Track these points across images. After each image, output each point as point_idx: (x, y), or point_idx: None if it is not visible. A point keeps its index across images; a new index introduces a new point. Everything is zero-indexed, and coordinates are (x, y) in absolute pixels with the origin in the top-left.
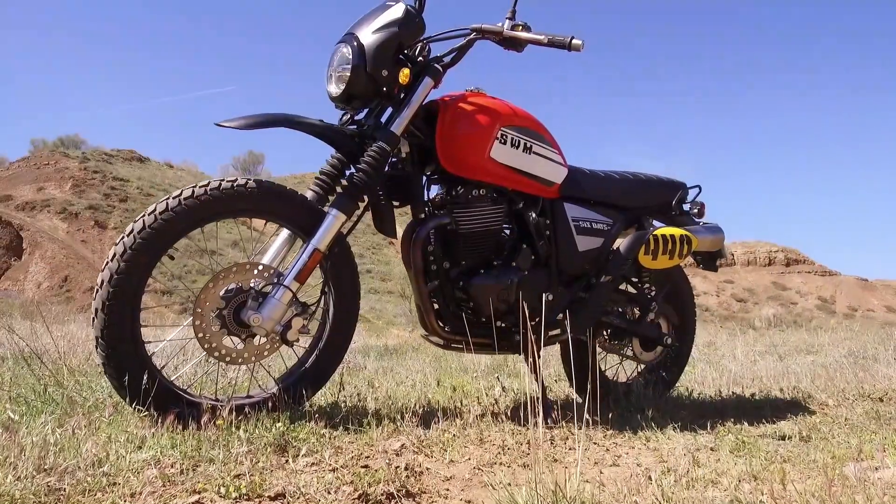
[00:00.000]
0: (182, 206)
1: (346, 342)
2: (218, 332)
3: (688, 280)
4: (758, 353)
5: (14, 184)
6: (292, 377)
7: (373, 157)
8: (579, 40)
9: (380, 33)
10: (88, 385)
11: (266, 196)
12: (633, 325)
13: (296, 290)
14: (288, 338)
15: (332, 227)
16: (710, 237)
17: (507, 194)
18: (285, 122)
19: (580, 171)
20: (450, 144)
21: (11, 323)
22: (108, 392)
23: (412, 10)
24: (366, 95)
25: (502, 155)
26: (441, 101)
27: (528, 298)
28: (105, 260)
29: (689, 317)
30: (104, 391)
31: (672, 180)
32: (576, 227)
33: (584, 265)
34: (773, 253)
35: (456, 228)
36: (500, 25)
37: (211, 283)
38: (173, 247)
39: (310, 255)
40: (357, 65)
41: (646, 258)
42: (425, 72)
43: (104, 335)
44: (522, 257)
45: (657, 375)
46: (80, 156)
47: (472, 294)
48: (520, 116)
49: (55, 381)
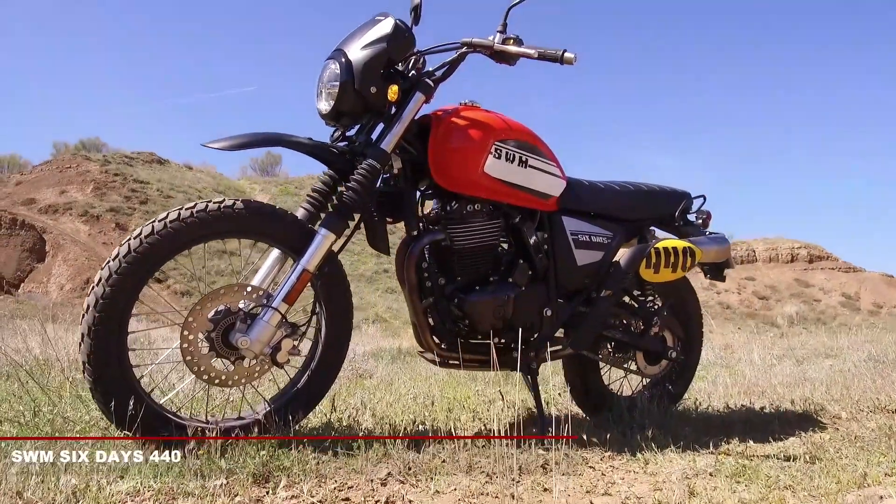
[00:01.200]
0: (168, 230)
1: (339, 362)
2: (206, 355)
3: (694, 291)
4: (775, 357)
5: (37, 187)
6: (284, 398)
7: (362, 175)
8: (572, 54)
9: (368, 49)
10: (88, 401)
11: (254, 216)
12: (636, 339)
13: (285, 312)
14: (278, 360)
15: (321, 248)
16: (714, 248)
17: (503, 208)
18: (273, 141)
19: (579, 184)
20: (442, 160)
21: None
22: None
23: (401, 24)
24: (355, 112)
25: (497, 169)
26: (434, 115)
27: (525, 314)
28: (91, 284)
29: (696, 329)
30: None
31: (675, 190)
32: (574, 240)
33: (584, 279)
34: (795, 249)
35: (450, 244)
36: (491, 39)
37: (198, 306)
38: (160, 269)
39: (298, 276)
40: (345, 81)
41: (647, 272)
42: (416, 87)
43: (90, 360)
44: (519, 272)
45: (663, 389)
46: (101, 159)
47: (466, 311)
48: (515, 130)
49: (49, 400)
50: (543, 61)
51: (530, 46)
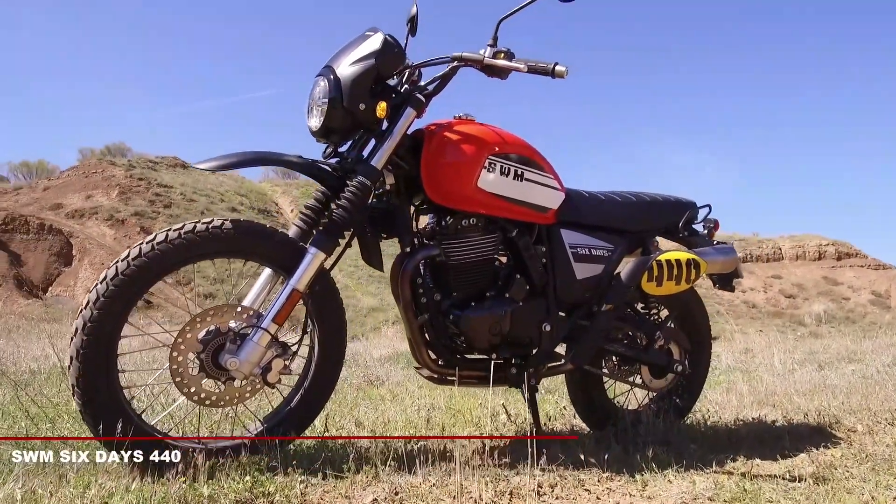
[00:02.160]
0: (155, 252)
1: (333, 380)
2: (196, 376)
3: (701, 303)
4: (797, 362)
5: (64, 192)
6: (277, 417)
7: (353, 192)
8: (563, 66)
9: (356, 66)
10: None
11: (243, 236)
12: (639, 353)
13: (274, 332)
14: (268, 380)
15: (310, 267)
16: (721, 259)
17: (500, 222)
18: (263, 160)
19: (579, 195)
20: (435, 175)
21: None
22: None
23: (391, 40)
24: (344, 129)
25: (491, 184)
26: (427, 129)
27: (523, 330)
28: (79, 307)
29: (704, 341)
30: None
31: (679, 200)
32: (573, 253)
33: (584, 293)
34: (823, 246)
35: (446, 260)
36: (482, 53)
37: (188, 327)
38: (149, 291)
39: (288, 296)
40: (333, 99)
41: (649, 285)
42: (407, 102)
43: (79, 384)
44: (517, 287)
45: (670, 402)
46: (126, 163)
47: (462, 328)
48: (509, 143)
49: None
50: (535, 75)
51: (520, 60)
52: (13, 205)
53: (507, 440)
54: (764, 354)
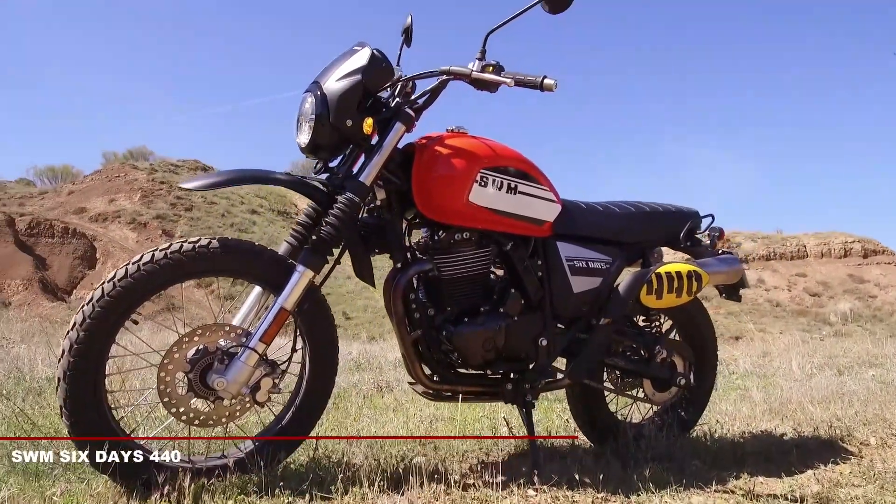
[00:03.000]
0: (141, 272)
1: (325, 397)
2: (185, 396)
3: (706, 313)
4: (815, 366)
5: (87, 196)
6: (268, 434)
7: (340, 209)
8: (552, 80)
9: (343, 81)
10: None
11: (230, 255)
12: (641, 367)
13: (262, 351)
14: (257, 399)
15: (298, 285)
16: (724, 270)
17: (494, 236)
18: (250, 178)
19: (576, 207)
20: (426, 190)
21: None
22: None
23: (378, 54)
24: (332, 146)
25: (483, 198)
26: (418, 143)
27: (518, 345)
28: (66, 328)
29: (709, 353)
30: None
31: (681, 210)
32: (570, 266)
33: (581, 307)
34: (848, 244)
35: (438, 275)
36: (470, 66)
37: (175, 347)
38: (136, 311)
39: (275, 314)
40: (320, 115)
41: (649, 298)
42: (396, 117)
43: (67, 405)
44: (511, 302)
45: (675, 415)
46: (148, 167)
47: (455, 344)
48: (502, 156)
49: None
50: (524, 88)
51: (508, 74)
52: (38, 209)
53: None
54: (782, 358)
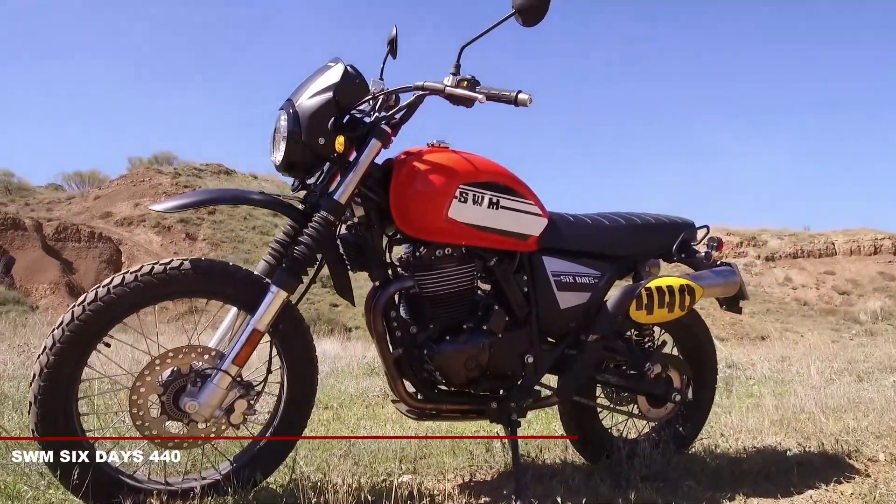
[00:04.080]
0: (111, 296)
1: (303, 418)
2: (158, 419)
3: (705, 327)
4: (834, 372)
5: (113, 201)
6: (246, 455)
7: (315, 228)
8: (526, 95)
9: (314, 99)
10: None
11: (203, 276)
12: (634, 383)
13: (235, 374)
14: (232, 421)
15: (271, 306)
16: (720, 283)
17: (477, 252)
18: (222, 199)
19: (563, 220)
20: (405, 207)
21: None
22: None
23: (351, 70)
24: (306, 164)
25: (463, 214)
26: (396, 159)
27: (503, 363)
28: (38, 352)
29: (708, 367)
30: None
31: (674, 221)
32: (556, 282)
33: (569, 323)
34: (878, 241)
35: (420, 292)
36: (444, 81)
37: (146, 370)
38: (108, 334)
39: (248, 336)
40: (292, 133)
41: (639, 313)
42: (372, 134)
43: (38, 429)
44: (495, 319)
45: (672, 431)
46: (172, 171)
47: (436, 362)
48: (482, 171)
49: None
50: (498, 102)
51: (483, 88)
52: (66, 214)
53: (494, 472)
54: (801, 363)
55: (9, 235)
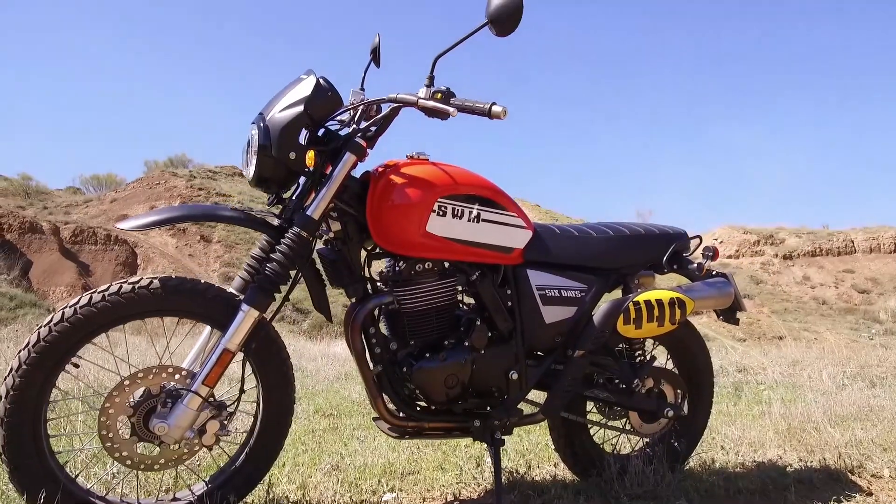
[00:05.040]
0: (77, 316)
1: (280, 438)
2: (128, 440)
3: (699, 338)
4: (847, 377)
5: (129, 204)
6: (221, 476)
7: (287, 245)
8: (500, 107)
9: (285, 113)
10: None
11: (172, 295)
12: (624, 398)
13: (206, 395)
14: (204, 443)
15: (242, 325)
16: (713, 295)
17: (459, 266)
18: (195, 216)
19: (548, 232)
20: (381, 221)
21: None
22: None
23: (323, 83)
24: (278, 179)
25: (442, 228)
26: (373, 172)
27: (486, 379)
28: (4, 373)
29: (703, 381)
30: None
31: (666, 231)
32: (541, 296)
33: (554, 338)
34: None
35: (399, 308)
36: (418, 93)
37: (115, 391)
38: (77, 355)
39: (219, 356)
40: (262, 147)
41: (627, 328)
42: (346, 147)
43: (5, 451)
44: (477, 335)
45: (667, 446)
46: (187, 174)
47: (415, 381)
48: (462, 184)
49: None
50: (472, 115)
51: (457, 100)
52: (83, 217)
53: (482, 489)
54: (813, 367)
55: (26, 239)
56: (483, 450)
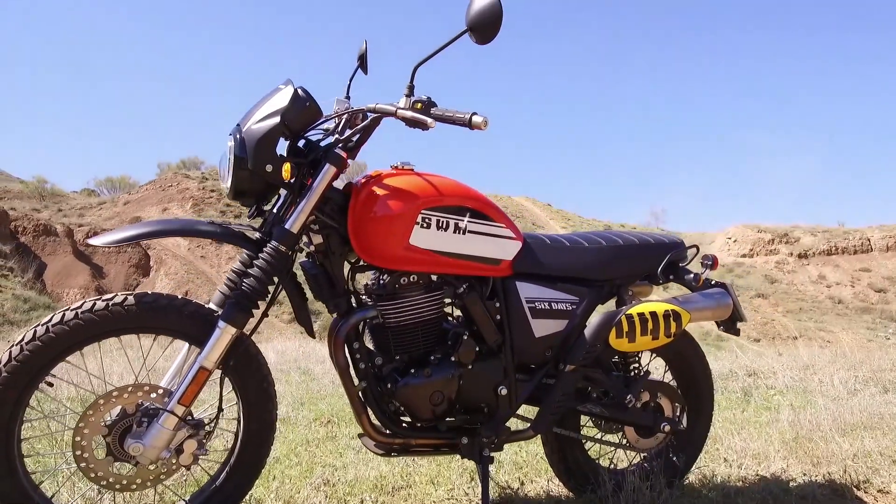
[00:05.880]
0: (49, 335)
1: (262, 455)
2: (104, 460)
3: (699, 349)
4: (859, 381)
5: (142, 206)
6: (202, 495)
7: (265, 260)
8: (481, 118)
9: (261, 124)
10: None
11: (147, 312)
12: (618, 413)
13: (182, 414)
14: (181, 462)
15: (218, 343)
16: (710, 306)
17: (446, 278)
18: (171, 231)
19: (539, 243)
20: (363, 234)
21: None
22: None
23: (301, 94)
24: (256, 191)
25: (426, 240)
26: (355, 184)
27: (474, 395)
28: None
29: (703, 393)
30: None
31: (661, 241)
32: (531, 309)
33: (545, 352)
34: None
35: (383, 322)
36: (397, 103)
37: (90, 411)
38: (50, 373)
39: (194, 375)
40: (238, 160)
41: (619, 341)
42: (326, 158)
43: None
44: (464, 349)
45: (666, 461)
46: (200, 176)
47: (399, 398)
48: (447, 195)
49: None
50: (453, 125)
51: (437, 111)
52: (97, 219)
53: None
54: (825, 371)
55: (41, 241)
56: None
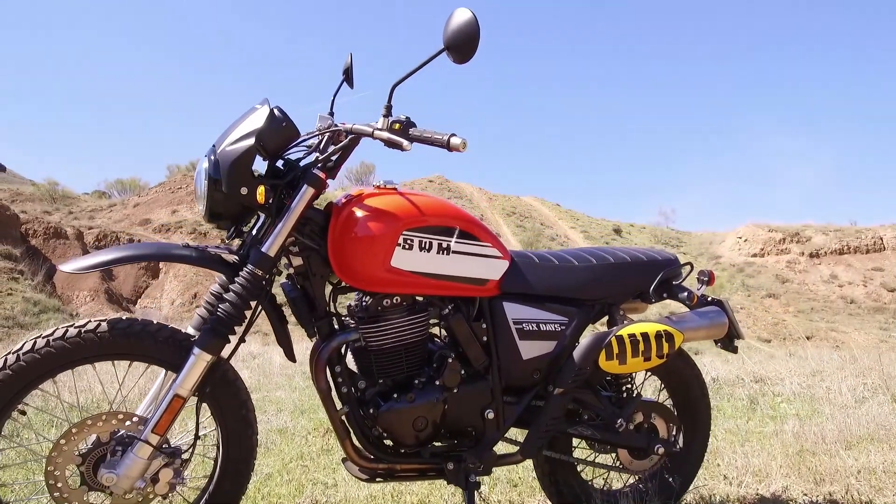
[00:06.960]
0: (20, 363)
1: (243, 482)
2: (78, 490)
3: (695, 369)
4: (868, 389)
5: (152, 208)
6: None
7: (241, 285)
8: (459, 139)
9: (236, 146)
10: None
11: (121, 338)
12: (610, 435)
13: (156, 443)
14: (157, 492)
15: (193, 370)
16: (704, 326)
17: (430, 299)
18: (144, 256)
19: (527, 261)
20: (343, 256)
21: None
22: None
23: (277, 114)
24: (232, 214)
25: (408, 262)
26: (336, 204)
27: (460, 419)
28: None
29: (699, 413)
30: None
31: (654, 258)
32: (518, 330)
33: (533, 374)
34: None
35: (366, 345)
36: (373, 124)
37: (63, 439)
38: (23, 402)
39: (169, 402)
40: (213, 182)
41: (610, 363)
42: (304, 179)
43: None
44: (449, 373)
45: (661, 481)
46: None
47: (381, 424)
48: (430, 215)
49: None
50: (431, 146)
51: (415, 132)
52: (106, 221)
53: None
54: (833, 378)
55: (51, 244)
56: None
